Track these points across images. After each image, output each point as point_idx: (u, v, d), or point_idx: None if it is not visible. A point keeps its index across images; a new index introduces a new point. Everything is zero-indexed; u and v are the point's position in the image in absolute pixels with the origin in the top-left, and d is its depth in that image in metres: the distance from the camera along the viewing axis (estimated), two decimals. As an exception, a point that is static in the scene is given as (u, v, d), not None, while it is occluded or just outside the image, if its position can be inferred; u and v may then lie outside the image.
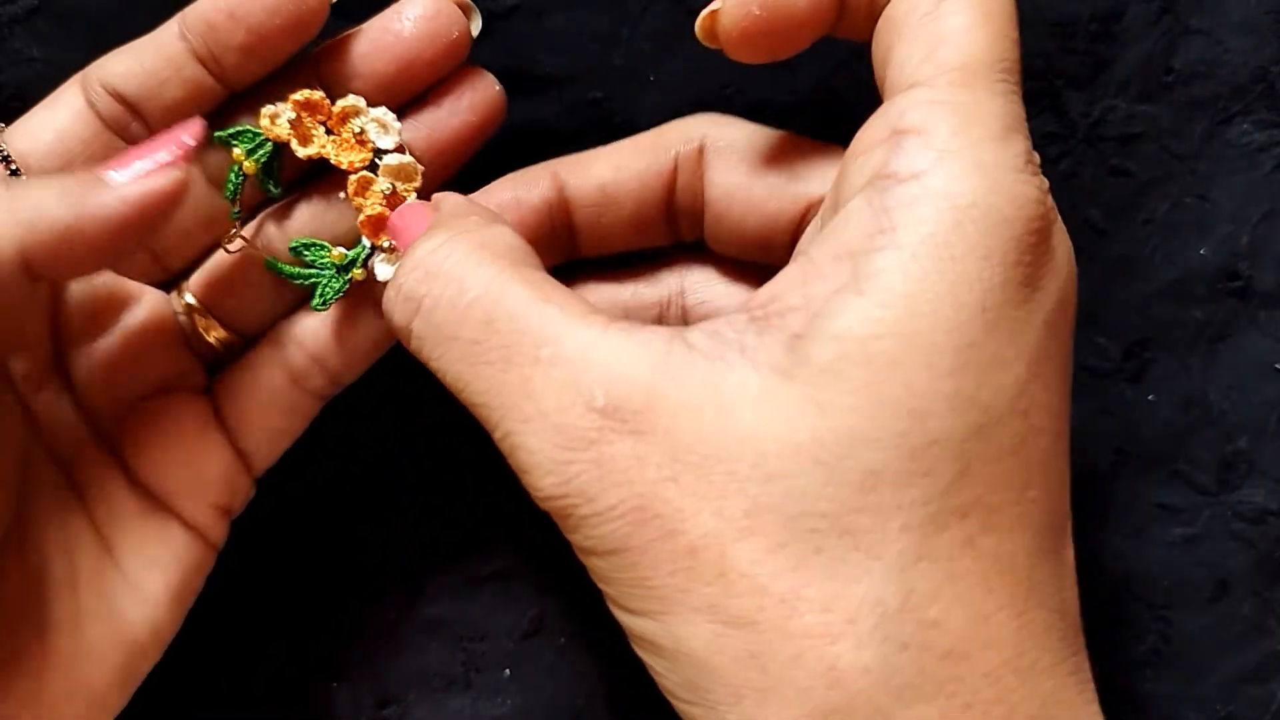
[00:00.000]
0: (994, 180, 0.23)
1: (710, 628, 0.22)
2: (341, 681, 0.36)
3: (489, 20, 0.34)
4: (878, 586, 0.21)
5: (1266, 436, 0.37)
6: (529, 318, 0.24)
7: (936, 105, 0.24)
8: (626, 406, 0.23)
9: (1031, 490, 0.23)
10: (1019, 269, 0.23)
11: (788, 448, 0.22)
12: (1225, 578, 0.37)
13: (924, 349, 0.22)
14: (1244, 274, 0.36)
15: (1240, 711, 0.37)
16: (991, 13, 0.25)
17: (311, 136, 0.30)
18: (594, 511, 0.23)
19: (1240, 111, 0.36)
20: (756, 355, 0.22)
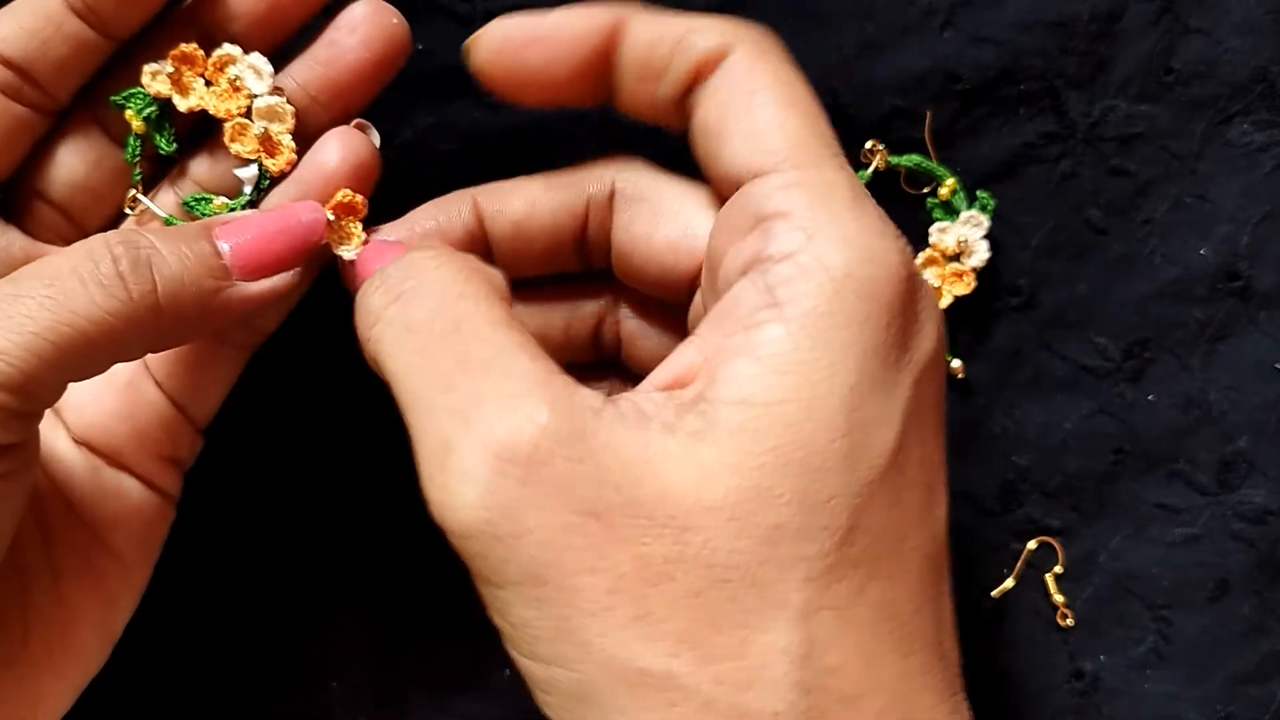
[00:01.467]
0: (860, 248, 0.25)
1: (628, 672, 0.22)
2: (341, 681, 0.36)
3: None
4: (784, 635, 0.22)
5: (1266, 436, 0.37)
6: (494, 334, 0.25)
7: (790, 188, 0.26)
8: (565, 430, 0.23)
9: (909, 540, 0.24)
10: (891, 331, 0.25)
11: (702, 504, 0.23)
12: (1225, 578, 0.37)
13: (820, 411, 0.23)
14: (1244, 274, 0.36)
15: (1240, 711, 0.37)
16: (796, 100, 0.27)
17: (190, 89, 0.31)
18: (511, 533, 0.23)
19: (1240, 111, 0.36)
20: (674, 426, 0.24)
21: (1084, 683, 0.37)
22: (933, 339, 0.26)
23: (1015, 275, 0.36)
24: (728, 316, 0.25)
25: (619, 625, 0.22)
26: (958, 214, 0.36)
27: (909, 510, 0.24)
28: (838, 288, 0.24)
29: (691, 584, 0.22)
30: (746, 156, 0.26)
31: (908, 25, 0.35)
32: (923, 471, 0.25)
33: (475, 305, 0.25)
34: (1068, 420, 0.37)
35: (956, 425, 0.37)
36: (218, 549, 0.36)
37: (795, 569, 0.23)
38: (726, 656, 0.22)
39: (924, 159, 0.36)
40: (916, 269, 0.26)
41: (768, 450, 0.23)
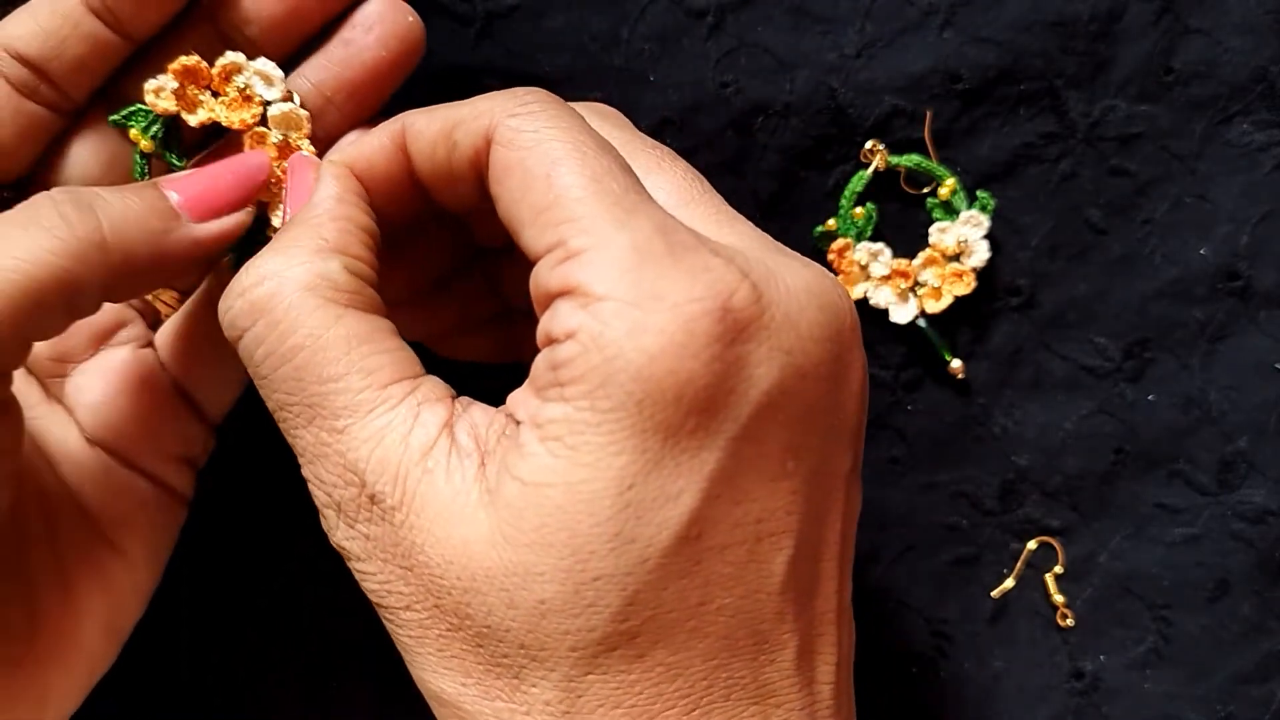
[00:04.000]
0: (636, 319, 0.24)
1: (434, 689, 0.26)
2: (341, 681, 0.36)
3: (489, 20, 0.34)
4: (549, 691, 0.24)
5: (1266, 436, 0.37)
6: (334, 390, 0.26)
7: (570, 262, 0.25)
8: (387, 499, 0.25)
9: (712, 603, 0.24)
10: (681, 403, 0.23)
11: (481, 569, 0.24)
12: (1225, 578, 0.37)
13: (585, 497, 0.24)
14: (1244, 274, 0.36)
15: (1240, 711, 0.37)
16: (560, 155, 0.25)
17: (199, 103, 0.30)
18: (363, 570, 0.26)
19: (1240, 111, 0.36)
20: (485, 470, 0.25)
21: (1084, 683, 0.37)
22: (770, 377, 0.24)
23: (1015, 275, 0.37)
24: (533, 380, 0.25)
25: (427, 653, 0.25)
26: (958, 214, 0.36)
27: (711, 574, 0.24)
28: (613, 369, 0.23)
29: (474, 636, 0.25)
30: (536, 239, 0.25)
31: (908, 25, 0.35)
32: (741, 530, 0.24)
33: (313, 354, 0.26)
34: (1068, 420, 0.37)
35: (956, 425, 0.37)
36: (218, 548, 0.36)
37: (561, 640, 0.24)
38: (501, 697, 0.25)
39: (924, 159, 0.36)
40: (736, 309, 0.24)
41: (533, 529, 0.24)
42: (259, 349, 0.26)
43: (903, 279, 0.36)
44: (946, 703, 0.37)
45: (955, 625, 0.37)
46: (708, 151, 0.35)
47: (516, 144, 0.26)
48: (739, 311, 0.24)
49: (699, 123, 0.35)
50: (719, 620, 0.24)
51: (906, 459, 0.37)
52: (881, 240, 0.36)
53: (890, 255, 0.36)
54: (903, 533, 0.37)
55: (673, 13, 0.35)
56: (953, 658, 0.37)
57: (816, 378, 0.25)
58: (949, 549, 0.37)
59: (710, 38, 0.35)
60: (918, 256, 0.36)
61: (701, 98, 0.35)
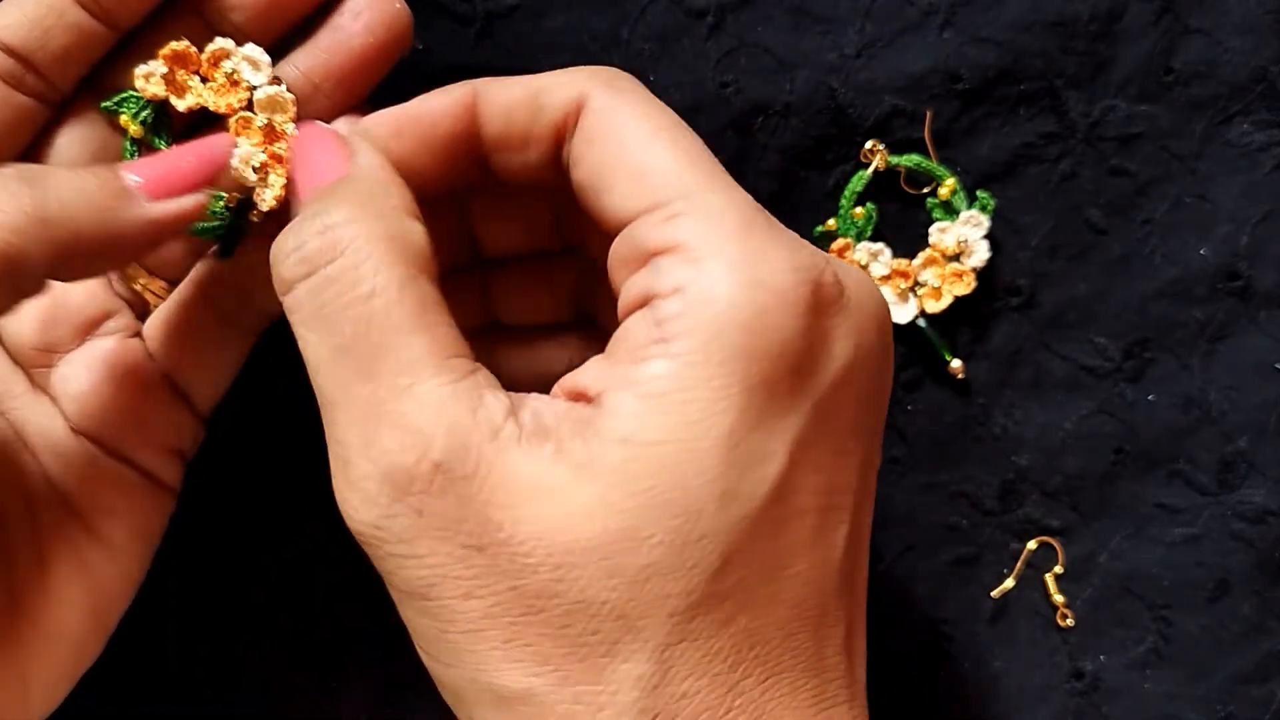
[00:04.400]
0: (746, 277, 0.24)
1: (494, 687, 0.24)
2: (341, 681, 0.36)
3: (489, 20, 0.34)
4: (641, 665, 0.24)
5: (1266, 436, 0.37)
6: (405, 342, 0.25)
7: (674, 220, 0.25)
8: (458, 469, 0.24)
9: (791, 568, 0.25)
10: (783, 360, 0.24)
11: (579, 542, 0.24)
12: (1225, 578, 0.37)
13: (697, 453, 0.24)
14: (1244, 274, 0.36)
15: (1240, 711, 0.37)
16: (665, 132, 0.26)
17: (187, 87, 0.30)
18: (405, 554, 0.24)
19: (1240, 111, 0.36)
20: (564, 449, 0.24)
21: (1084, 683, 0.37)
22: (848, 355, 0.25)
23: (1015, 275, 0.37)
24: (621, 347, 0.25)
25: (489, 646, 0.24)
26: (958, 214, 0.36)
27: (792, 539, 0.25)
28: (722, 322, 0.24)
29: (560, 616, 0.24)
30: (628, 200, 0.26)
31: (908, 25, 0.35)
32: (816, 498, 0.25)
33: (386, 304, 0.25)
34: (1068, 420, 0.37)
35: (956, 425, 0.37)
36: (218, 545, 0.36)
37: (661, 606, 0.24)
38: (584, 680, 0.24)
39: (924, 159, 0.36)
40: (828, 282, 0.25)
41: (643, 492, 0.24)
42: (329, 289, 0.25)
43: (903, 279, 0.36)
44: (946, 703, 0.37)
45: (955, 625, 0.37)
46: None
47: (615, 109, 0.27)
48: (828, 288, 0.25)
49: (699, 123, 0.35)
50: (793, 587, 0.25)
51: (906, 459, 0.37)
52: (881, 240, 0.36)
53: (890, 255, 0.36)
54: (903, 533, 0.37)
55: (673, 13, 0.35)
56: (953, 658, 0.37)
57: (873, 366, 0.26)
58: (949, 549, 0.37)
59: (710, 38, 0.35)
60: (918, 256, 0.36)
61: (701, 98, 0.35)
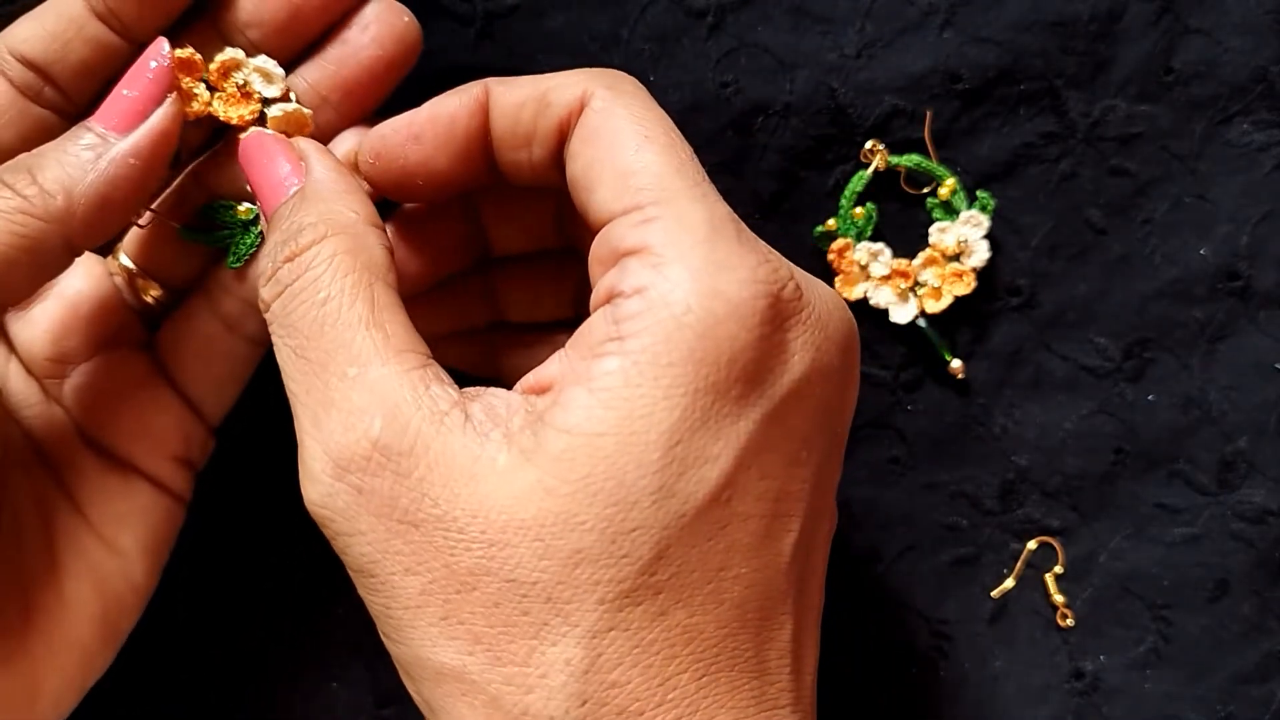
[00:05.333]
0: (707, 285, 0.25)
1: (432, 663, 0.25)
2: (341, 681, 0.36)
3: (489, 20, 0.34)
4: (570, 649, 0.24)
5: (1266, 436, 0.37)
6: (354, 338, 0.26)
7: (646, 224, 0.26)
8: (395, 446, 0.25)
9: (730, 570, 0.25)
10: (732, 368, 0.25)
11: (514, 522, 0.24)
12: (1225, 578, 0.37)
13: (636, 447, 0.24)
14: (1244, 274, 0.36)
15: (1240, 711, 0.37)
16: (655, 136, 0.27)
17: (194, 95, 0.30)
18: (347, 531, 0.25)
19: (1240, 111, 0.36)
20: (512, 436, 0.25)
21: (1084, 683, 0.37)
22: (802, 367, 0.26)
23: (1015, 275, 0.37)
24: (582, 341, 0.26)
25: (427, 622, 0.25)
26: (958, 214, 0.36)
27: (734, 541, 0.25)
28: (677, 324, 0.25)
29: (492, 594, 0.24)
30: (611, 200, 0.27)
31: (908, 25, 0.35)
32: (762, 504, 0.25)
33: (339, 307, 0.26)
34: (1068, 420, 0.37)
35: (956, 425, 0.37)
36: (219, 548, 0.36)
37: (591, 592, 0.24)
38: (514, 661, 0.24)
39: (924, 159, 0.36)
40: (789, 297, 0.26)
41: (580, 479, 0.24)
42: (294, 300, 0.26)
43: (903, 279, 0.36)
44: (946, 703, 0.37)
45: (955, 625, 0.37)
46: (708, 151, 0.35)
47: (612, 111, 0.27)
48: (787, 302, 0.26)
49: (699, 123, 0.35)
50: (735, 589, 0.25)
51: (906, 459, 0.37)
52: (881, 240, 0.36)
53: (890, 255, 0.36)
54: (903, 533, 0.37)
55: (673, 13, 0.35)
56: (953, 658, 0.37)
57: (832, 380, 0.27)
58: (949, 549, 0.37)
59: (710, 38, 0.35)
60: (918, 256, 0.36)
61: (701, 98, 0.35)
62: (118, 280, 0.32)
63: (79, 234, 0.27)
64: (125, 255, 0.32)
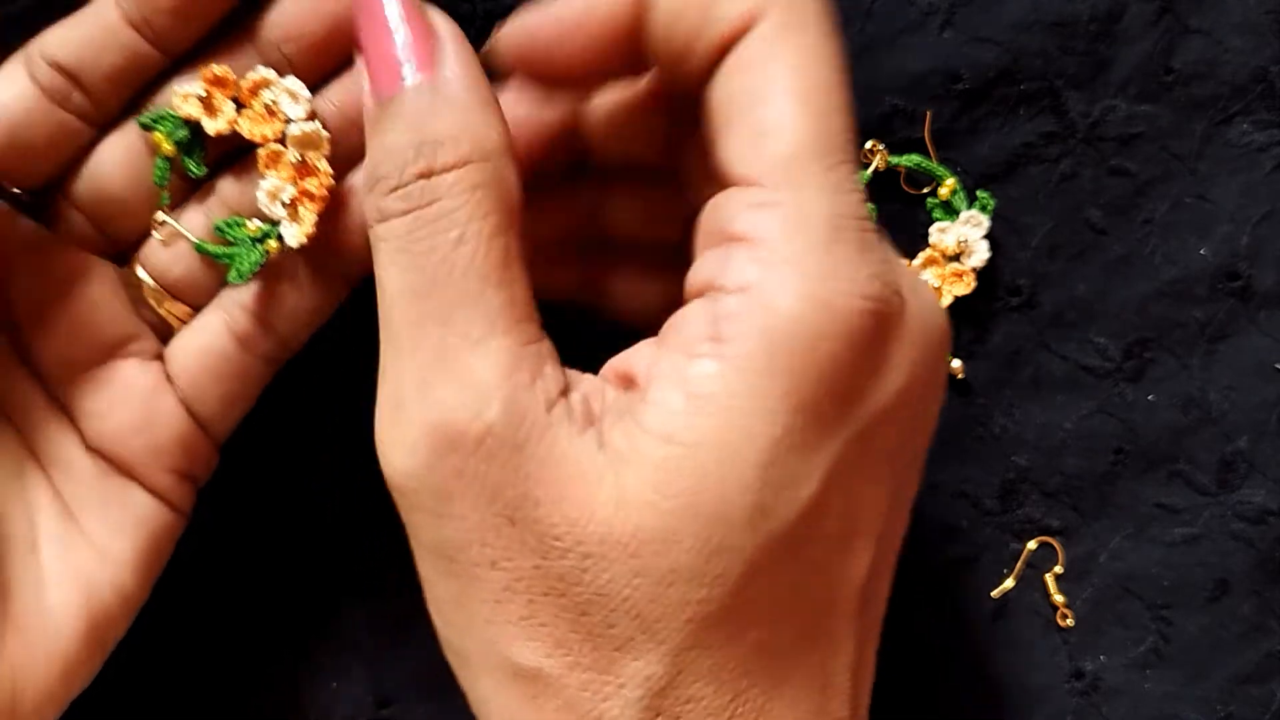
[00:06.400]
0: (815, 294, 0.23)
1: (509, 661, 0.24)
2: (341, 681, 0.36)
3: (489, 21, 0.34)
4: (652, 665, 0.23)
5: (1266, 436, 0.37)
6: (484, 294, 0.24)
7: (764, 210, 0.24)
8: (510, 436, 0.23)
9: (807, 589, 0.24)
10: (832, 387, 0.24)
11: (612, 535, 0.23)
12: (1225, 578, 0.37)
13: (736, 464, 0.23)
14: (1244, 274, 0.36)
15: (1240, 711, 0.37)
16: (810, 92, 0.24)
17: (221, 111, 0.30)
18: (435, 511, 0.24)
19: (1240, 111, 0.36)
20: (606, 437, 0.24)
21: (1084, 683, 0.37)
22: (899, 384, 0.25)
23: (1015, 275, 0.37)
24: (676, 333, 0.25)
25: (505, 619, 0.24)
26: (958, 214, 0.36)
27: (814, 561, 0.24)
28: (780, 335, 0.23)
29: (580, 603, 0.23)
30: (738, 160, 0.25)
31: (908, 25, 0.35)
32: (844, 523, 0.25)
33: (474, 252, 0.24)
34: (1068, 420, 0.37)
35: (956, 425, 0.37)
36: (218, 547, 0.36)
37: (681, 611, 0.23)
38: (594, 669, 0.24)
39: (924, 159, 0.36)
40: (891, 312, 0.24)
41: (680, 494, 0.23)
42: (423, 229, 0.24)
43: (903, 279, 0.36)
44: (946, 703, 0.37)
45: (955, 625, 0.37)
46: (708, 151, 0.35)
47: (778, 46, 0.25)
48: (891, 318, 0.24)
49: (699, 123, 0.35)
50: (808, 607, 0.25)
51: (906, 459, 0.37)
52: (881, 240, 0.36)
53: (890, 255, 0.36)
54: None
55: (673, 13, 0.35)
56: (953, 658, 0.37)
57: (922, 397, 0.26)
58: (949, 549, 0.37)
59: (710, 38, 0.35)
60: (918, 256, 0.36)
61: (701, 98, 0.35)
62: (132, 290, 0.32)
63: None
64: (141, 266, 0.32)
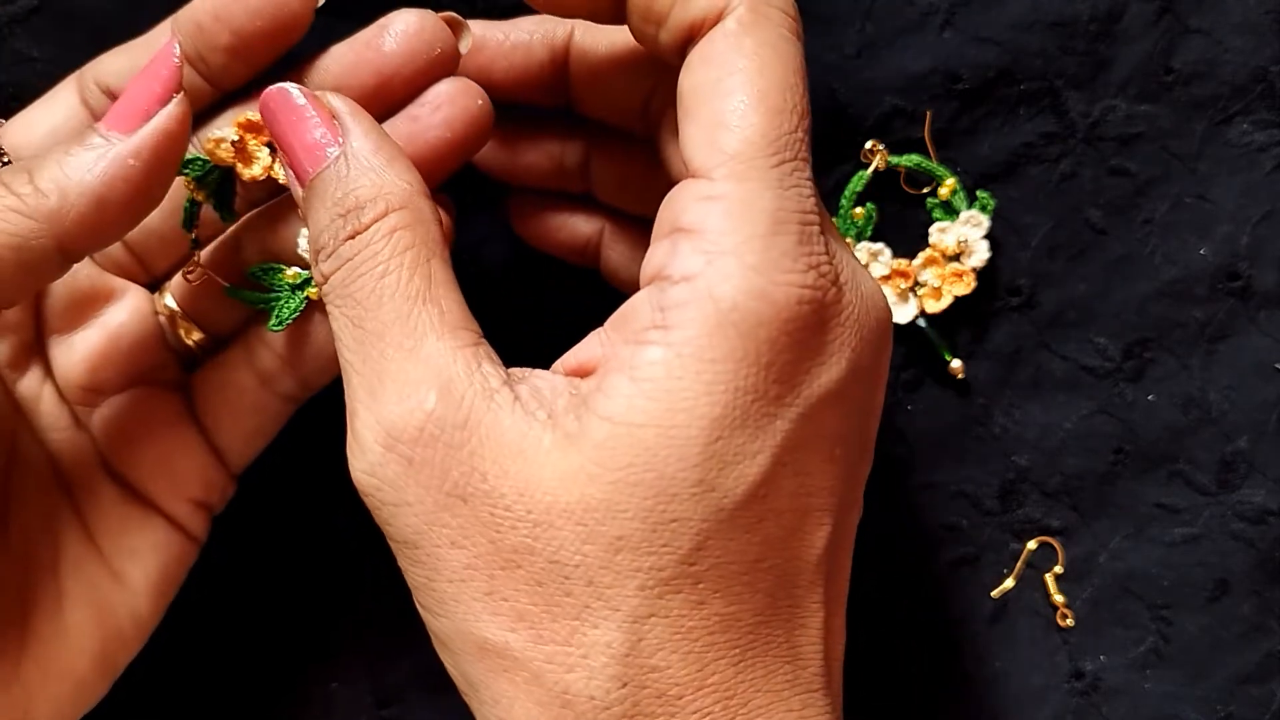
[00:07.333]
0: (754, 283, 0.25)
1: (475, 638, 0.25)
2: (341, 681, 0.36)
3: (489, 19, 0.34)
4: (611, 633, 0.25)
5: (1266, 436, 0.37)
6: (411, 311, 0.26)
7: (712, 203, 0.25)
8: (448, 419, 0.25)
9: (765, 562, 0.26)
10: (773, 369, 0.25)
11: (558, 504, 0.25)
12: (1225, 578, 0.37)
13: (677, 441, 0.25)
14: (1244, 274, 0.36)
15: (1240, 711, 0.37)
16: (767, 89, 0.26)
17: (255, 158, 0.30)
18: (394, 501, 0.26)
19: (1240, 111, 0.36)
20: (557, 418, 0.25)
21: (1084, 683, 0.37)
22: (840, 370, 0.26)
23: (1015, 275, 0.37)
24: (626, 323, 0.26)
25: (471, 596, 0.25)
26: (958, 214, 0.36)
27: (769, 535, 0.25)
28: (721, 321, 0.25)
29: (535, 574, 0.25)
30: (697, 148, 0.26)
31: (908, 25, 0.35)
32: (797, 499, 0.26)
33: (399, 280, 0.26)
34: (1068, 420, 0.37)
35: (956, 425, 0.37)
36: (219, 548, 0.36)
37: (632, 578, 0.25)
38: (556, 640, 0.25)
39: (924, 159, 0.36)
40: (831, 301, 0.26)
41: (622, 468, 0.24)
42: (353, 274, 0.26)
43: (903, 279, 0.36)
44: (946, 703, 0.37)
45: (955, 625, 0.37)
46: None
47: (741, 43, 0.26)
48: (829, 306, 0.26)
49: (699, 123, 0.35)
50: (768, 579, 0.26)
51: (906, 459, 0.37)
52: (881, 240, 0.36)
53: (890, 255, 0.36)
54: (903, 533, 0.37)
55: (673, 13, 0.35)
56: (953, 658, 0.37)
57: (865, 380, 0.27)
58: (949, 549, 0.37)
59: (710, 38, 0.35)
60: (918, 256, 0.36)
61: (701, 98, 0.35)
62: (161, 319, 0.32)
63: (71, 236, 0.27)
64: (171, 296, 0.32)
